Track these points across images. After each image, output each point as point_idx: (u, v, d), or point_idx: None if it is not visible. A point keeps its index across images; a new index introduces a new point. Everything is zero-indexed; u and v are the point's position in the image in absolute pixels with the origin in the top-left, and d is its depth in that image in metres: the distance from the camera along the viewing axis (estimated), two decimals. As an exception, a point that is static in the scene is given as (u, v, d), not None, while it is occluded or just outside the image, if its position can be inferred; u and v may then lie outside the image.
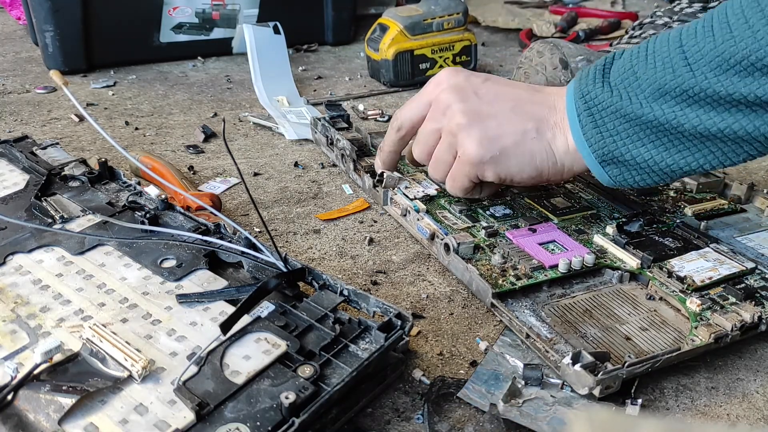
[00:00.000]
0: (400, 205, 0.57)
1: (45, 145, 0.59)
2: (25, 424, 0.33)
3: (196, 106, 0.87)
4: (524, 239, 0.51)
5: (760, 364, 0.43)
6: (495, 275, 0.48)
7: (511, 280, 0.47)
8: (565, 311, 0.46)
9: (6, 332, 0.38)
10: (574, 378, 0.39)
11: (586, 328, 0.44)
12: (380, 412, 0.39)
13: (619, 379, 0.39)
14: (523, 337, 0.43)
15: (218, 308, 0.41)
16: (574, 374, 0.39)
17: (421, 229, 0.54)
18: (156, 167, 0.62)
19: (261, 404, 0.34)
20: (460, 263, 0.49)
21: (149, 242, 0.47)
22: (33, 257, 0.45)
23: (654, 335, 0.43)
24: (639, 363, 0.39)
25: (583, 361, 0.39)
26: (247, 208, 0.62)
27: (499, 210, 0.56)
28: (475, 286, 0.48)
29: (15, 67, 1.00)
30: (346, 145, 0.65)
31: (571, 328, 0.44)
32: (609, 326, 0.44)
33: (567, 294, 0.47)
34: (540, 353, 0.42)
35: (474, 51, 0.95)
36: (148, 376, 0.35)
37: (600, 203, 0.58)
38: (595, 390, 0.38)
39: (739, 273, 0.48)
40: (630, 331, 0.44)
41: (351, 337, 0.38)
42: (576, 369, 0.39)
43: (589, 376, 0.38)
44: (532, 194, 0.59)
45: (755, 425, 0.39)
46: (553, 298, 0.47)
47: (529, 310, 0.46)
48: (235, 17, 1.04)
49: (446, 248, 0.51)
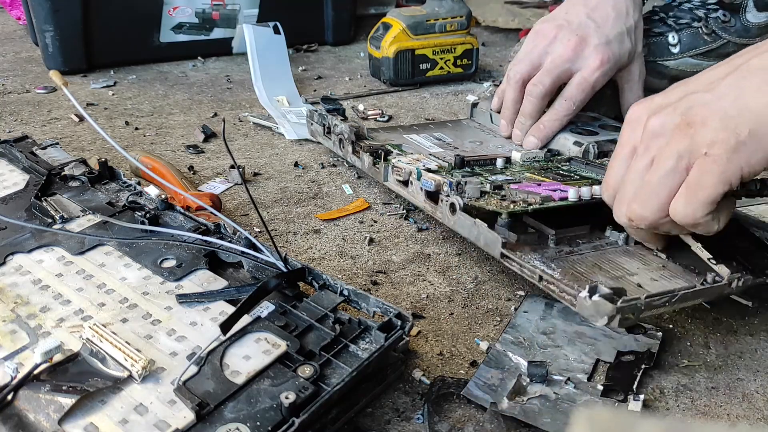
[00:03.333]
0: (402, 170, 0.55)
1: (45, 145, 0.59)
2: (25, 424, 0.33)
3: (196, 106, 0.87)
4: (530, 187, 0.51)
5: (760, 364, 0.43)
6: (505, 204, 0.47)
7: (521, 206, 0.47)
8: (574, 264, 0.45)
9: (6, 332, 0.38)
10: (592, 309, 0.38)
11: (597, 278, 0.43)
12: (380, 412, 0.39)
13: (638, 310, 0.38)
14: (536, 281, 0.43)
15: (218, 308, 0.41)
16: (593, 305, 0.38)
17: (426, 182, 0.52)
18: (156, 167, 0.62)
19: (261, 404, 0.34)
20: (467, 219, 0.48)
21: (149, 242, 0.47)
22: (33, 257, 0.45)
23: (665, 284, 0.43)
24: (657, 295, 0.38)
25: (600, 292, 0.38)
26: (247, 208, 0.62)
27: (501, 177, 0.55)
28: (483, 240, 0.47)
29: (15, 67, 1.00)
30: (345, 128, 0.65)
31: (581, 278, 0.43)
32: (620, 276, 0.44)
33: (575, 252, 0.47)
34: (555, 294, 0.41)
35: (475, 55, 0.95)
36: (148, 376, 0.35)
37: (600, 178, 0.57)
38: (614, 320, 0.37)
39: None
40: (641, 280, 0.43)
41: (351, 337, 0.38)
42: (595, 299, 0.38)
43: (608, 304, 0.37)
44: (532, 170, 0.58)
45: (755, 425, 0.39)
46: (561, 254, 0.46)
47: (539, 261, 0.45)
48: (235, 17, 1.04)
49: (452, 208, 0.50)
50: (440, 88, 0.94)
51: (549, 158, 0.63)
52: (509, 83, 0.66)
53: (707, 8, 0.79)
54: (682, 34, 0.79)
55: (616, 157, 0.44)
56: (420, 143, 0.67)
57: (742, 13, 0.78)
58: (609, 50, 0.62)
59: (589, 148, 0.64)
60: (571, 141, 0.65)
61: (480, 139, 0.70)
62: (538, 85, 0.63)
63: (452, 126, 0.74)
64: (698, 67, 0.80)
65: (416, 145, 0.67)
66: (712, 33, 0.79)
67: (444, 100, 0.90)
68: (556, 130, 0.64)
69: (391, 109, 0.87)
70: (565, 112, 0.63)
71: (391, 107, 0.88)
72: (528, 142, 0.65)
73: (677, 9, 0.81)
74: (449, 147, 0.67)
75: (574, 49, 0.62)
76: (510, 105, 0.66)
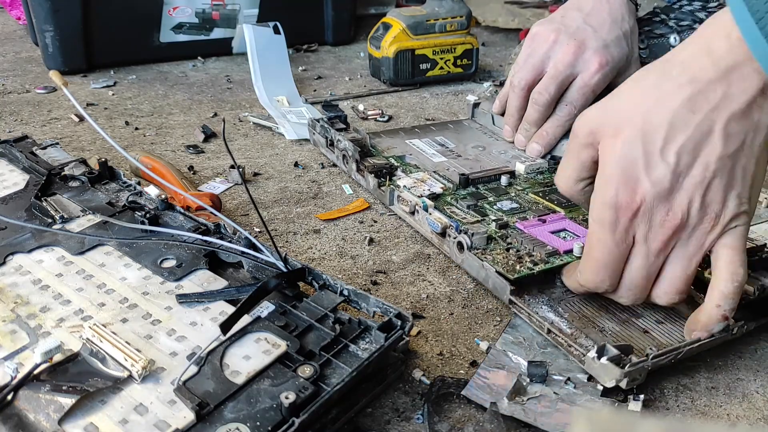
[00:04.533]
0: (408, 202, 0.57)
1: (45, 145, 0.59)
2: (25, 424, 0.33)
3: (196, 106, 0.87)
4: (535, 229, 0.52)
5: (760, 364, 0.43)
6: (511, 263, 0.48)
7: (528, 266, 0.47)
8: (581, 306, 0.46)
9: (6, 332, 0.38)
10: (600, 371, 0.39)
11: (604, 323, 0.44)
12: (380, 412, 0.39)
13: (645, 371, 0.39)
14: (545, 333, 0.43)
15: (218, 308, 0.41)
16: (601, 367, 0.39)
17: (432, 223, 0.53)
18: (156, 167, 0.62)
19: (261, 404, 0.34)
20: (475, 261, 0.49)
21: (149, 242, 0.47)
22: (33, 257, 0.45)
23: (671, 328, 0.44)
24: (663, 355, 0.39)
25: (608, 354, 0.39)
26: (247, 208, 0.62)
27: (506, 204, 0.56)
28: (492, 283, 0.48)
29: (15, 67, 1.00)
30: (348, 146, 0.65)
31: (589, 323, 0.44)
32: (626, 320, 0.44)
33: None
34: (563, 348, 0.42)
35: (475, 55, 0.95)
36: (148, 376, 0.35)
37: None
38: (622, 383, 0.38)
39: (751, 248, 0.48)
40: (647, 324, 0.44)
41: (351, 337, 0.38)
42: (603, 362, 0.39)
43: (616, 368, 0.38)
44: (536, 190, 0.59)
45: (755, 425, 0.39)
46: (568, 294, 0.47)
47: (546, 306, 0.46)
48: (235, 17, 1.04)
49: (459, 246, 0.51)
50: (440, 88, 0.94)
51: (552, 167, 0.63)
52: (513, 90, 0.66)
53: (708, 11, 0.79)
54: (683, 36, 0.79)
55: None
56: (422, 150, 0.67)
57: None
58: (608, 54, 0.62)
59: None
60: None
61: (482, 143, 0.70)
62: (544, 94, 0.63)
63: (454, 127, 0.74)
64: None
65: (419, 152, 0.67)
66: None
67: (444, 100, 0.90)
68: (559, 136, 0.64)
69: (391, 109, 0.87)
70: (567, 117, 0.63)
71: (391, 107, 0.88)
72: (532, 149, 0.65)
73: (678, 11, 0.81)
74: (452, 154, 0.67)
75: (575, 53, 0.62)
76: (514, 112, 0.67)
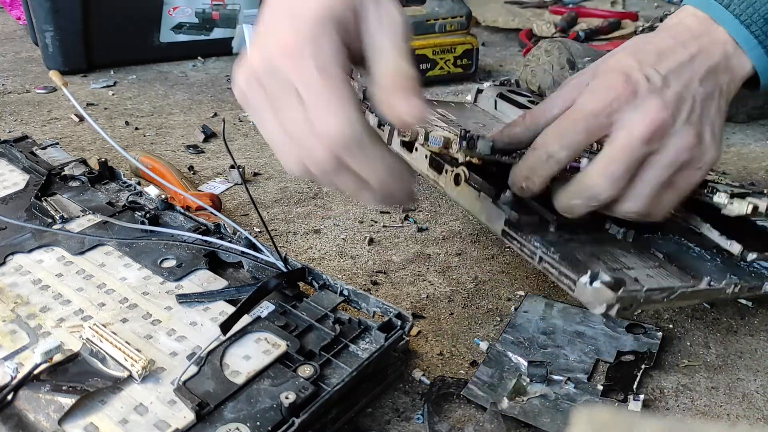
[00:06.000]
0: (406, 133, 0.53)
1: (45, 145, 0.59)
2: (25, 424, 0.33)
3: (196, 106, 0.87)
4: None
5: (760, 364, 0.43)
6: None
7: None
8: (573, 252, 0.44)
9: (6, 332, 0.38)
10: (591, 296, 0.38)
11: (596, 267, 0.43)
12: (380, 412, 0.39)
13: (637, 301, 0.38)
14: (536, 262, 0.42)
15: (218, 308, 0.41)
16: (592, 292, 0.38)
17: (435, 140, 0.48)
18: (156, 167, 0.62)
19: (261, 404, 0.34)
20: (472, 192, 0.47)
21: (149, 242, 0.47)
22: (33, 257, 0.45)
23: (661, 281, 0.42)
24: (657, 289, 0.38)
25: (602, 279, 0.37)
26: (247, 208, 0.62)
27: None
28: (486, 214, 0.46)
29: (15, 67, 1.00)
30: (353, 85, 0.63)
31: (580, 265, 0.42)
32: (617, 269, 0.43)
33: (574, 239, 0.46)
34: (554, 276, 0.41)
35: (475, 54, 0.95)
36: (148, 376, 0.35)
37: None
38: (612, 309, 0.37)
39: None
40: (638, 275, 0.43)
41: (351, 337, 0.38)
42: (595, 285, 0.37)
43: (608, 291, 0.37)
44: None
45: (755, 425, 0.39)
46: (561, 240, 0.46)
47: (539, 243, 0.44)
48: (235, 17, 1.04)
49: (456, 179, 0.49)
50: (440, 88, 0.94)
51: None
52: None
53: None
54: None
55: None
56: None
57: None
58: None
59: None
60: None
61: (483, 122, 0.69)
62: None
63: (456, 107, 0.73)
64: None
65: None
66: None
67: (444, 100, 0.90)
68: None
69: (391, 109, 0.86)
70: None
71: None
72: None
73: None
74: (453, 123, 0.66)
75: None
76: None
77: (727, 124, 0.84)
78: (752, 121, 0.85)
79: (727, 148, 0.78)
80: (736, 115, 0.84)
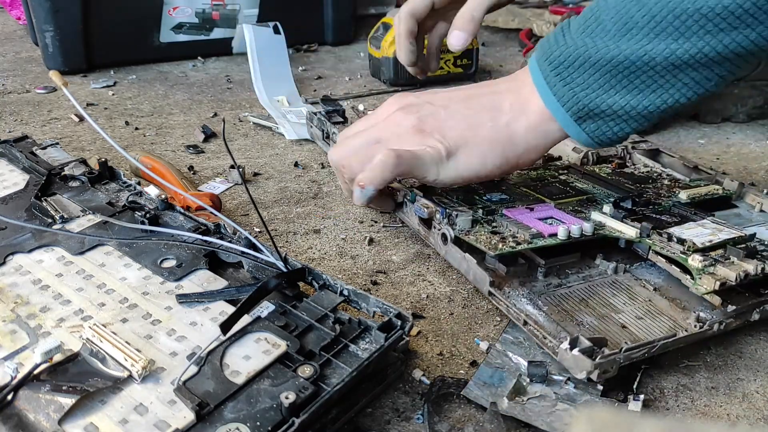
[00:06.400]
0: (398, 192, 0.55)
1: (45, 145, 0.59)
2: (25, 424, 0.33)
3: (196, 106, 0.87)
4: (522, 215, 0.51)
5: (760, 364, 0.43)
6: (494, 242, 0.47)
7: (510, 244, 0.47)
8: (561, 300, 0.46)
9: (6, 332, 0.38)
10: (572, 362, 0.39)
11: (583, 317, 0.44)
12: (380, 412, 0.39)
13: (617, 364, 0.39)
14: (521, 324, 0.43)
15: (218, 308, 0.41)
16: (572, 359, 0.39)
17: (419, 210, 0.52)
18: (156, 167, 0.62)
19: (261, 404, 0.34)
20: (457, 252, 0.49)
21: (149, 242, 0.47)
22: (33, 257, 0.45)
23: (650, 324, 0.44)
24: (636, 348, 0.39)
25: (580, 345, 0.39)
26: (247, 208, 0.62)
27: (496, 196, 0.55)
28: (473, 274, 0.48)
29: (15, 67, 1.00)
30: None
31: (567, 317, 0.44)
32: (605, 315, 0.44)
33: (563, 284, 0.48)
34: (537, 339, 0.42)
35: (475, 54, 0.95)
36: (148, 376, 0.35)
37: (595, 190, 0.58)
38: (593, 374, 0.38)
39: (738, 238, 0.48)
40: (626, 320, 0.44)
41: (351, 337, 0.38)
42: (574, 353, 0.39)
43: (587, 360, 0.38)
44: (528, 183, 0.59)
45: (755, 425, 0.39)
46: (550, 288, 0.47)
47: (526, 299, 0.46)
48: (235, 17, 1.04)
49: (443, 238, 0.50)
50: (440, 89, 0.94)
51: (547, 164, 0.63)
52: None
53: None
54: None
55: (359, 121, 0.55)
56: None
57: None
58: None
59: (588, 156, 0.64)
60: (570, 147, 0.66)
61: None
62: None
63: None
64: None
65: None
66: None
67: (444, 100, 0.90)
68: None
69: (391, 109, 0.87)
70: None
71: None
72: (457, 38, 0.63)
73: None
74: None
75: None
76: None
77: (727, 124, 0.84)
78: (752, 121, 0.85)
79: (727, 148, 0.78)
80: (736, 115, 0.84)
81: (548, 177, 0.61)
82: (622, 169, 0.63)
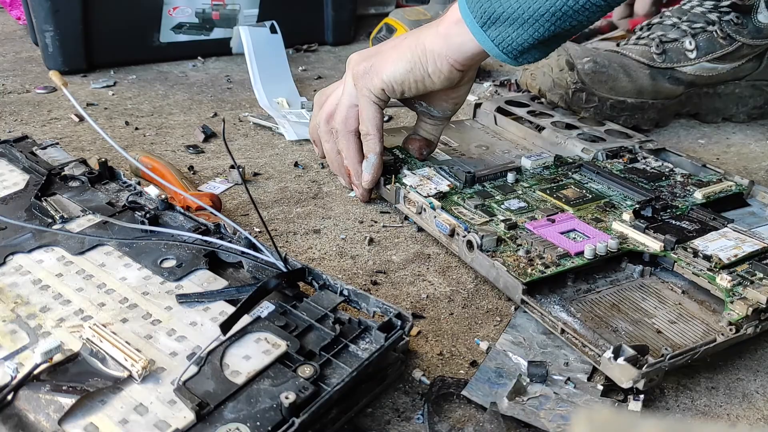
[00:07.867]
0: (415, 203, 0.56)
1: (45, 145, 0.59)
2: (25, 424, 0.33)
3: (196, 106, 0.87)
4: (545, 229, 0.51)
5: (760, 364, 0.43)
6: (522, 265, 0.47)
7: (539, 268, 0.47)
8: (592, 306, 0.46)
9: (6, 332, 0.38)
10: (617, 372, 0.39)
11: (617, 323, 0.44)
12: (380, 412, 0.39)
13: (662, 372, 0.39)
14: (558, 333, 0.43)
15: (218, 308, 0.41)
16: (618, 368, 0.39)
17: (440, 225, 0.52)
18: (156, 167, 0.62)
19: (261, 404, 0.34)
20: (486, 260, 0.48)
21: (149, 242, 0.47)
22: (33, 257, 0.45)
23: (683, 328, 0.44)
24: (680, 355, 0.39)
25: (625, 354, 0.39)
26: (247, 208, 0.62)
27: (514, 203, 0.56)
28: (503, 282, 0.47)
29: (15, 67, 1.00)
30: None
31: (602, 323, 0.44)
32: (638, 320, 0.45)
33: (592, 289, 0.48)
34: (578, 348, 0.42)
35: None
36: (148, 376, 0.35)
37: (610, 191, 0.59)
38: (639, 383, 0.38)
39: (762, 250, 0.49)
40: (660, 324, 0.44)
41: (351, 337, 0.38)
42: (620, 363, 0.38)
43: (633, 369, 0.38)
44: (543, 187, 0.59)
45: (755, 425, 0.39)
46: (579, 293, 0.47)
47: (558, 305, 0.46)
48: (235, 17, 1.04)
49: (469, 246, 0.50)
50: (440, 88, 0.94)
51: (558, 163, 0.63)
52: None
53: (720, 11, 0.78)
54: (698, 39, 0.78)
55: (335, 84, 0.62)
56: None
57: (754, 14, 0.78)
58: None
59: (598, 156, 0.64)
60: (579, 148, 0.66)
61: (485, 142, 0.70)
62: None
63: (456, 127, 0.74)
64: (714, 71, 0.79)
65: None
66: (728, 36, 0.78)
67: (444, 100, 0.90)
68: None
69: (392, 110, 0.87)
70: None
71: (391, 107, 0.88)
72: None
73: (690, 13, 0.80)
74: (456, 153, 0.67)
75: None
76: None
77: (727, 124, 0.84)
78: (752, 121, 0.85)
79: (727, 148, 0.78)
80: (737, 115, 0.84)
81: (561, 177, 0.61)
82: (634, 164, 0.64)
